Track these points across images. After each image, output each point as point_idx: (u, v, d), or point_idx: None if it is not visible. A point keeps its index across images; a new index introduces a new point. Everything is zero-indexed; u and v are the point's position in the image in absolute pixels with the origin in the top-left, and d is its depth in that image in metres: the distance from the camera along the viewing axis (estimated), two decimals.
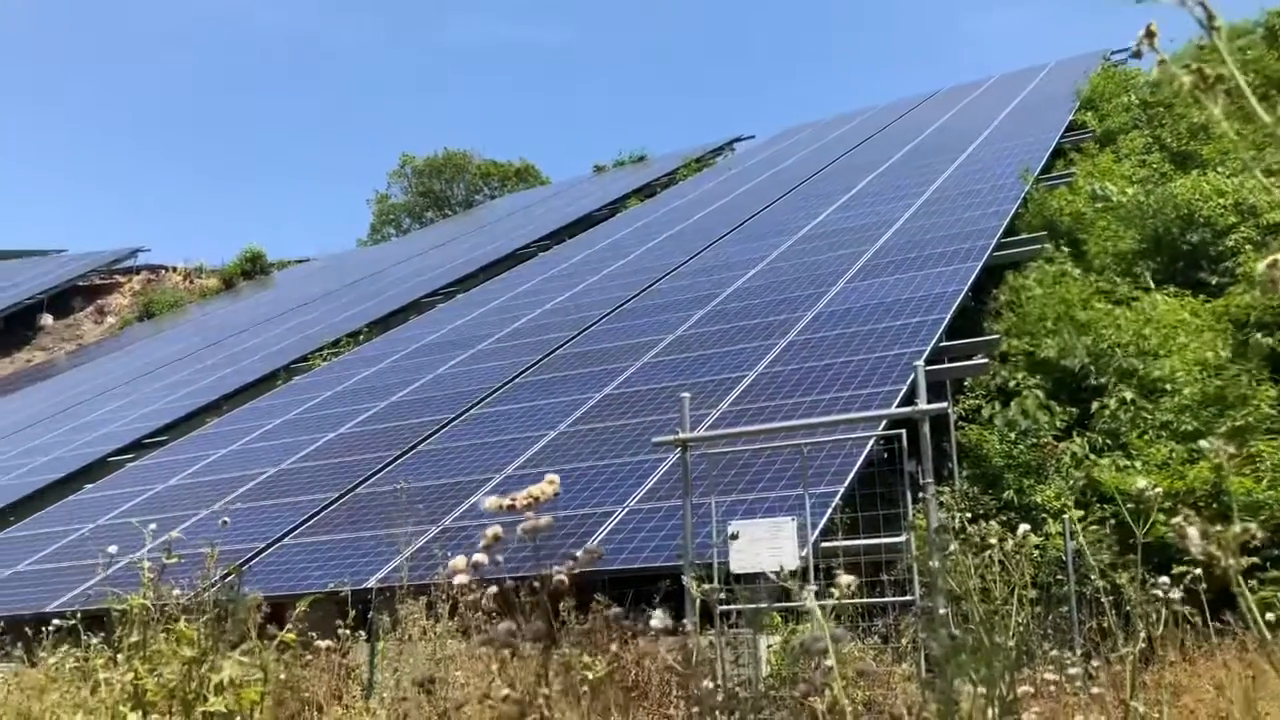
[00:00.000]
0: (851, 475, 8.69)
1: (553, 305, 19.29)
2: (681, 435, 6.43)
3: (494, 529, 3.63)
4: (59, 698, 4.01)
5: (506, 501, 3.48)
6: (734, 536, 5.59)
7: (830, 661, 1.99)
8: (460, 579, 3.42)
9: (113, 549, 4.22)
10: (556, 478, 3.43)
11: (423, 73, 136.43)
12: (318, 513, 11.65)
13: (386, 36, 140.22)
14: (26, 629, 6.77)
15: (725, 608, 5.99)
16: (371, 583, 9.09)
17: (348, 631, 6.65)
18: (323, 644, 4.29)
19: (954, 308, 12.66)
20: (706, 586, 5.63)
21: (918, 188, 20.65)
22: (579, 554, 3.30)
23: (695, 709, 3.23)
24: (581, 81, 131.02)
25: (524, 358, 15.90)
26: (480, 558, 3.44)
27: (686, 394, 6.96)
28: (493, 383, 14.96)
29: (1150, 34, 1.33)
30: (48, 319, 43.35)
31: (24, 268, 48.35)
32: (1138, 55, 1.36)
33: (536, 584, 3.12)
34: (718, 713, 2.39)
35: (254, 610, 3.61)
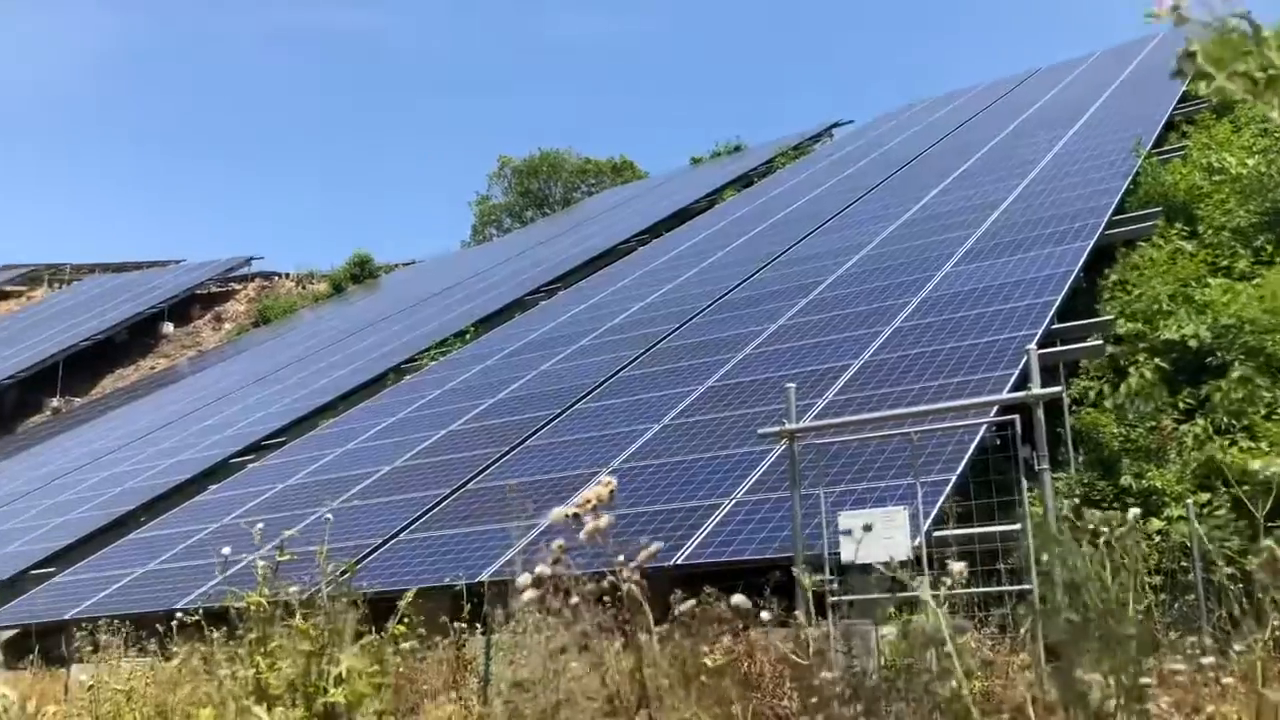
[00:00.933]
0: (963, 463, 8.52)
1: (654, 299, 19.34)
2: (788, 426, 6.39)
3: (559, 542, 3.66)
4: (189, 691, 4.18)
5: (571, 511, 3.50)
6: (849, 531, 5.54)
7: (950, 651, 1.95)
8: (528, 596, 3.47)
9: (226, 550, 4.36)
10: (613, 480, 3.43)
11: (518, 73, 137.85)
12: (430, 509, 11.89)
13: (481, 38, 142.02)
14: (158, 625, 7.06)
15: (837, 599, 5.94)
16: (484, 576, 9.24)
17: (463, 625, 6.77)
18: (438, 637, 4.38)
19: (1065, 289, 12.31)
20: (817, 577, 5.58)
21: (1024, 167, 20.13)
22: (655, 547, 3.31)
23: (811, 700, 3.21)
24: (676, 74, 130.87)
25: (627, 352, 15.98)
26: (545, 570, 3.47)
27: (791, 385, 6.91)
28: (597, 377, 15.08)
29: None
30: (169, 327, 45.13)
31: (146, 278, 50.38)
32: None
33: (623, 579, 3.14)
34: (835, 704, 2.37)
35: (366, 605, 3.71)
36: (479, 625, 7.44)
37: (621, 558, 2.94)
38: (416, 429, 15.72)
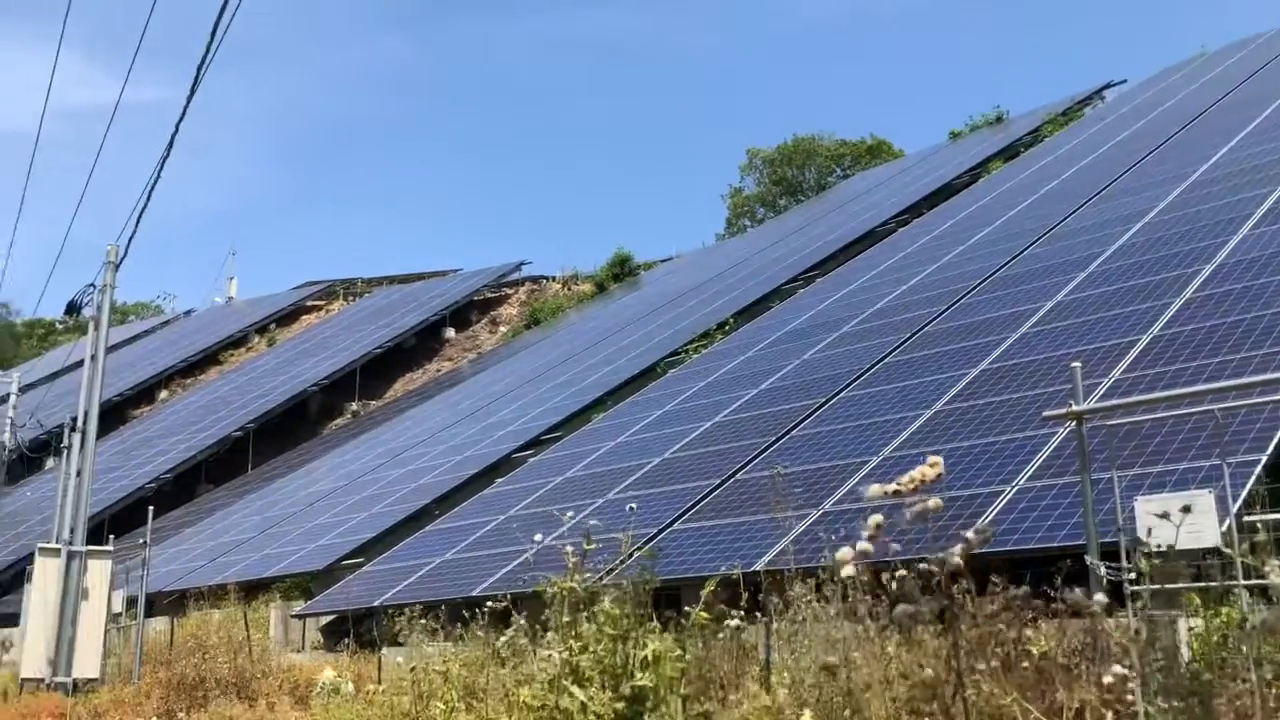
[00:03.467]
0: (1275, 441, 7.83)
1: (918, 280, 18.83)
2: (1075, 408, 6.07)
3: (876, 517, 3.63)
4: (507, 671, 4.46)
5: (891, 488, 3.46)
6: (1147, 517, 5.21)
7: None
8: (847, 571, 3.44)
9: (539, 536, 4.61)
10: (940, 459, 3.37)
11: (766, 61, 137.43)
12: (702, 499, 12.10)
13: (726, 30, 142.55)
14: (464, 611, 7.56)
15: (1136, 588, 5.60)
16: (759, 566, 9.31)
17: (741, 613, 6.85)
18: (732, 623, 4.47)
19: None
20: (1114, 565, 5.29)
21: None
22: (970, 535, 3.22)
23: (1107, 695, 3.06)
24: (927, 46, 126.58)
25: (892, 336, 15.65)
26: (866, 546, 3.44)
27: (1077, 363, 6.56)
28: (861, 364, 14.86)
29: None
30: (450, 332, 48.09)
31: (428, 288, 53.86)
32: None
33: (930, 567, 3.08)
34: (1158, 696, 2.26)
35: (661, 593, 3.83)
36: (757, 614, 7.50)
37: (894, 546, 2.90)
38: (683, 421, 16.03)
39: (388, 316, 49.59)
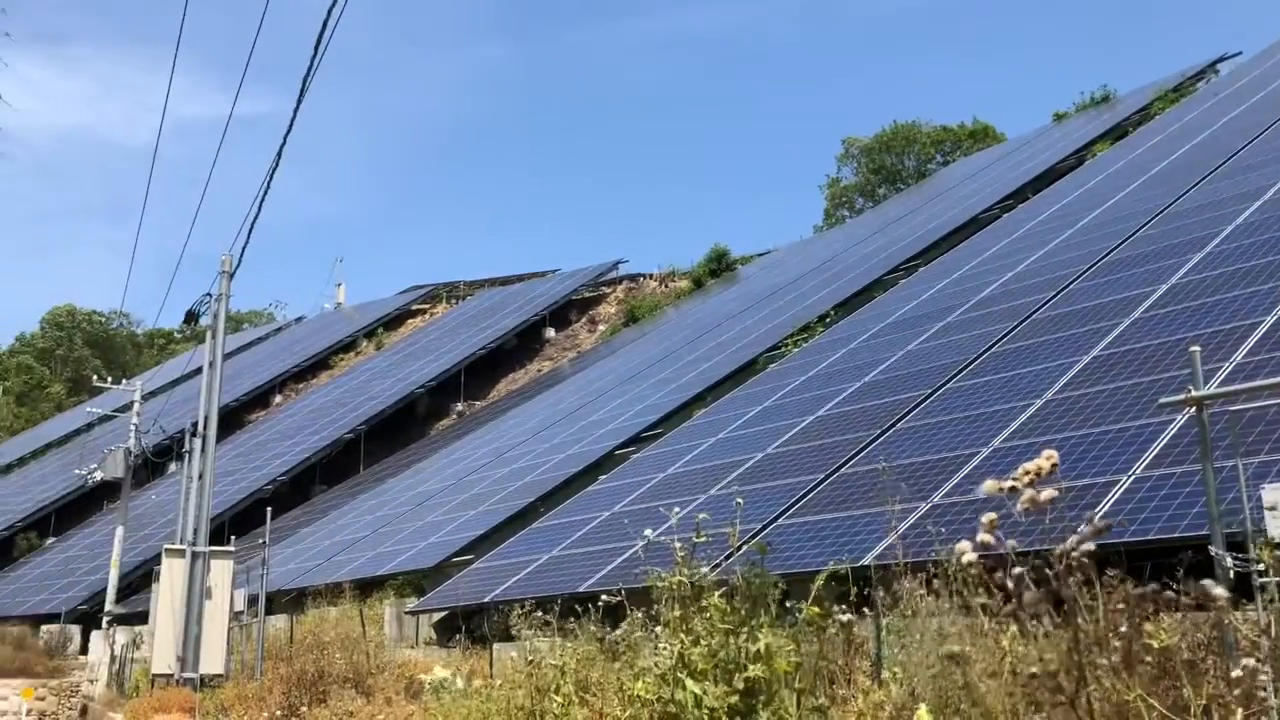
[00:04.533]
0: None
1: (1024, 267, 18.40)
2: (1195, 393, 5.86)
3: (990, 515, 3.56)
4: (619, 666, 4.51)
5: (1007, 484, 3.40)
6: (1275, 507, 5.02)
7: None
8: (968, 557, 3.39)
9: (649, 531, 4.65)
10: (1054, 453, 3.29)
11: (862, 48, 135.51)
12: (806, 494, 12.01)
13: (820, 19, 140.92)
14: (576, 606, 7.65)
15: (1265, 580, 5.40)
16: (867, 560, 9.22)
17: (850, 607, 6.80)
18: (843, 617, 4.45)
19: None
20: (1241, 556, 5.11)
21: None
22: (1088, 526, 3.15)
23: (1236, 690, 2.96)
24: (1029, 27, 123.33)
25: (998, 325, 15.32)
26: (987, 537, 3.38)
27: (1196, 347, 6.35)
28: (968, 354, 14.58)
29: None
30: (551, 332, 48.63)
31: (528, 289, 54.52)
32: None
33: (1043, 560, 3.02)
34: None
35: (773, 587, 3.83)
36: (865, 609, 7.43)
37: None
38: (785, 415, 15.93)
39: (489, 318, 50.36)
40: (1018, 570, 3.48)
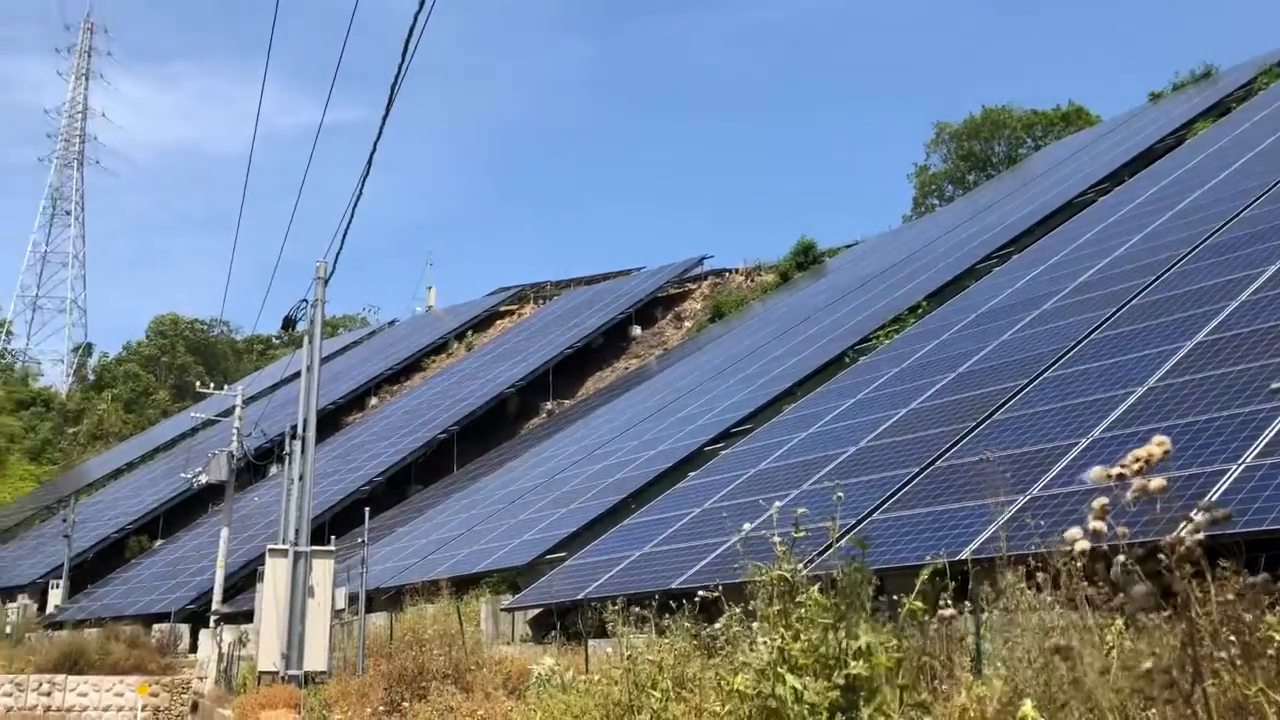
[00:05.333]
0: None
1: (1122, 252, 17.89)
2: None
3: (1101, 501, 3.46)
4: (716, 661, 4.50)
5: (1115, 471, 3.29)
6: None
7: None
8: (1081, 545, 3.30)
9: (746, 526, 4.63)
10: (1166, 439, 3.19)
11: (951, 32, 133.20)
12: (901, 488, 11.85)
13: (905, 5, 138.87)
14: (670, 602, 7.66)
15: None
16: (965, 554, 9.05)
17: (949, 603, 6.68)
18: (946, 612, 4.37)
19: None
20: None
21: None
22: (1200, 516, 3.04)
23: None
24: (1124, 3, 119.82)
25: (1096, 312, 14.93)
26: (1099, 525, 3.29)
27: None
28: (1064, 342, 14.23)
29: None
30: (637, 329, 48.77)
31: (613, 287, 54.75)
32: None
33: (1151, 552, 2.92)
34: None
35: (869, 582, 3.78)
36: (964, 603, 7.30)
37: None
38: (877, 409, 15.74)
39: (576, 318, 50.71)
40: (1124, 561, 3.37)
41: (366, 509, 19.38)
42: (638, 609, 7.80)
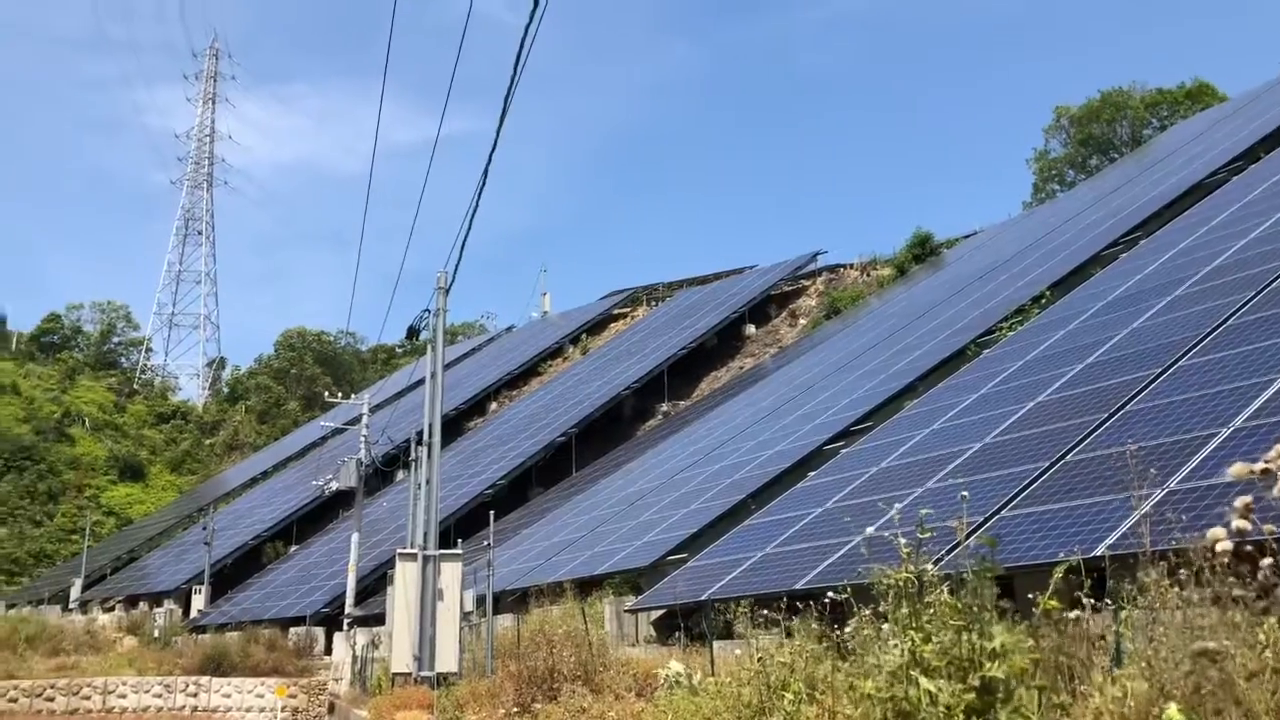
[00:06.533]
0: None
1: (1261, 231, 17.09)
2: None
3: (1244, 499, 3.33)
4: (847, 664, 4.47)
5: (1259, 467, 3.17)
6: None
7: None
8: (1223, 546, 3.18)
9: (870, 529, 4.59)
10: None
11: (1070, 13, 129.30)
12: (1029, 483, 11.55)
13: None
14: (798, 603, 7.62)
15: None
16: (1100, 550, 8.78)
17: (1087, 601, 6.49)
18: (1083, 612, 4.26)
19: None
20: None
21: None
22: None
23: None
24: None
25: (1233, 296, 14.30)
26: (1243, 524, 3.17)
27: None
28: (1200, 329, 13.67)
29: None
30: (750, 328, 48.55)
31: (725, 287, 54.63)
32: None
33: None
34: None
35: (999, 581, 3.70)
36: (1104, 601, 7.08)
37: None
38: (1002, 403, 15.37)
39: (689, 318, 50.75)
40: (1270, 561, 3.24)
41: (491, 512, 19.72)
42: (764, 611, 7.77)
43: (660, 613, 16.48)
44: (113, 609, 45.29)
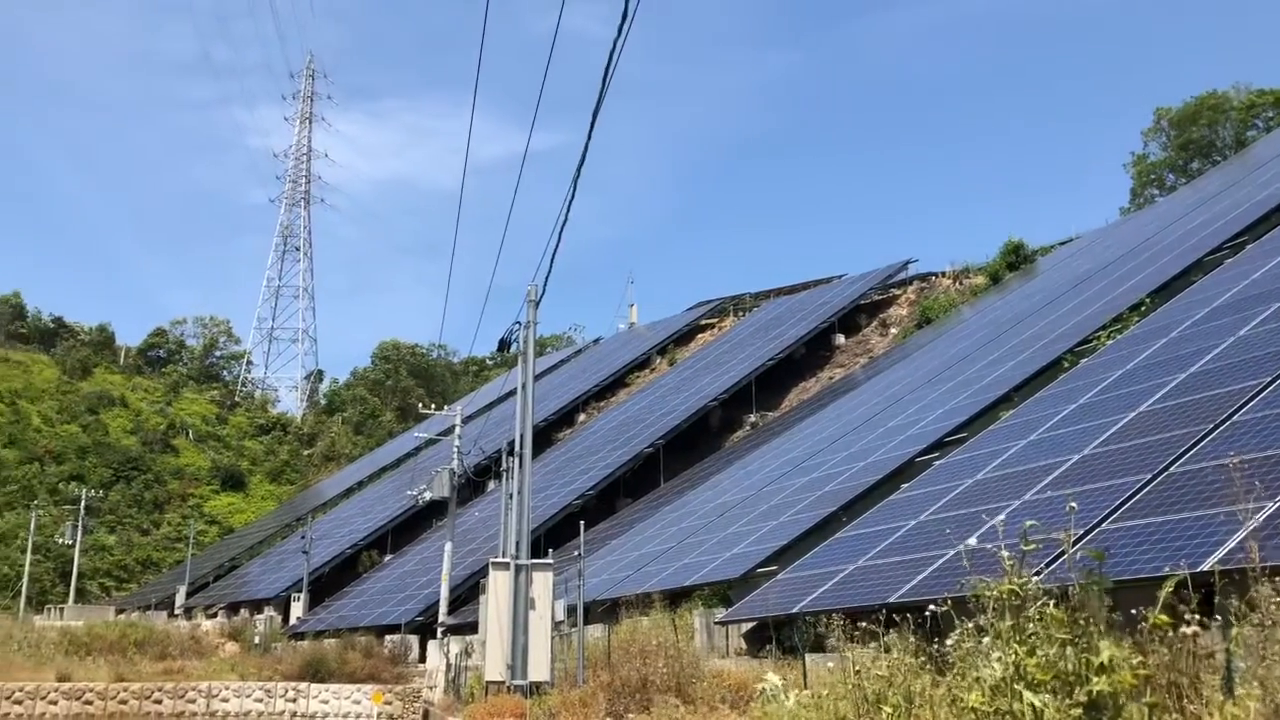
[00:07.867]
0: None
1: None
2: None
3: None
4: (947, 678, 4.42)
5: None
6: None
7: None
8: None
9: (971, 541, 4.53)
10: None
11: (1170, 13, 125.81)
12: (1132, 495, 11.25)
13: None
14: (895, 616, 7.53)
15: None
16: (1208, 565, 8.51)
17: (1195, 617, 6.31)
18: (1190, 629, 4.15)
19: None
20: None
21: None
22: None
23: None
24: None
25: None
26: None
27: None
28: None
29: None
30: (840, 338, 48.10)
31: (814, 296, 54.24)
32: None
33: None
34: None
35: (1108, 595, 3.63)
36: (1213, 617, 6.88)
37: None
38: (1102, 414, 14.99)
39: (777, 328, 50.49)
40: None
41: (581, 522, 19.87)
42: (860, 624, 7.71)
43: (751, 625, 16.41)
44: (215, 615, 46.64)
